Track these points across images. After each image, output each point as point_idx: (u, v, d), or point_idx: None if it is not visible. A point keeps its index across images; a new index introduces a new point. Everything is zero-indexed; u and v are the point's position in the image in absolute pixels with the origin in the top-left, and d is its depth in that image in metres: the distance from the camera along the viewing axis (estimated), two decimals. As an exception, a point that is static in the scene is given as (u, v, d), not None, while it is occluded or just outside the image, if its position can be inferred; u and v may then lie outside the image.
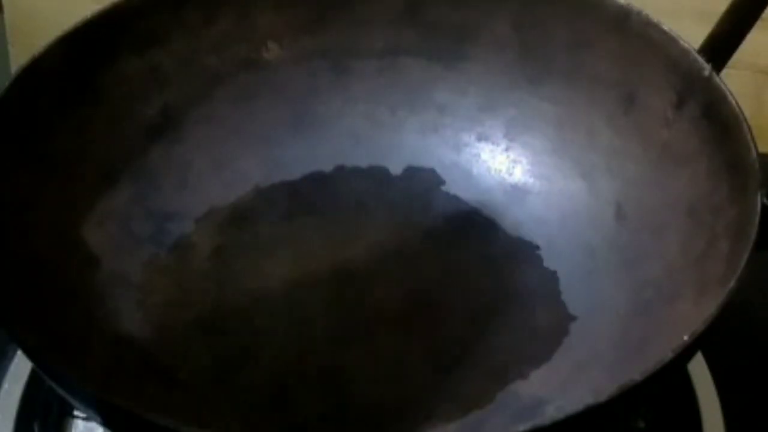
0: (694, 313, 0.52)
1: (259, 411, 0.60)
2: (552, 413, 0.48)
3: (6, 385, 0.66)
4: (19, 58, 0.98)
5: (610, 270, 0.65)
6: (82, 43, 0.66)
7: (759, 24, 0.61)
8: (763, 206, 0.54)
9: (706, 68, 0.62)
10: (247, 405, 0.61)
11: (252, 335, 0.64)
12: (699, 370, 0.67)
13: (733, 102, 0.59)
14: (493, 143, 0.73)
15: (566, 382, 0.60)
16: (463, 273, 0.68)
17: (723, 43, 0.62)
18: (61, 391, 0.52)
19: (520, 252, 0.69)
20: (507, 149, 0.73)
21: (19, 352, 0.64)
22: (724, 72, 0.62)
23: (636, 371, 0.48)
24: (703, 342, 0.51)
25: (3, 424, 0.64)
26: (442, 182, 0.73)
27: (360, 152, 0.74)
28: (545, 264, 0.68)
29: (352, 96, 0.74)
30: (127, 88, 0.69)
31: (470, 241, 0.69)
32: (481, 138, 0.74)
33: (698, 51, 0.62)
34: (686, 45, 0.63)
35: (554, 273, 0.67)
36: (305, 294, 0.66)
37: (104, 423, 0.54)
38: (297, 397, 0.61)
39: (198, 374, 0.62)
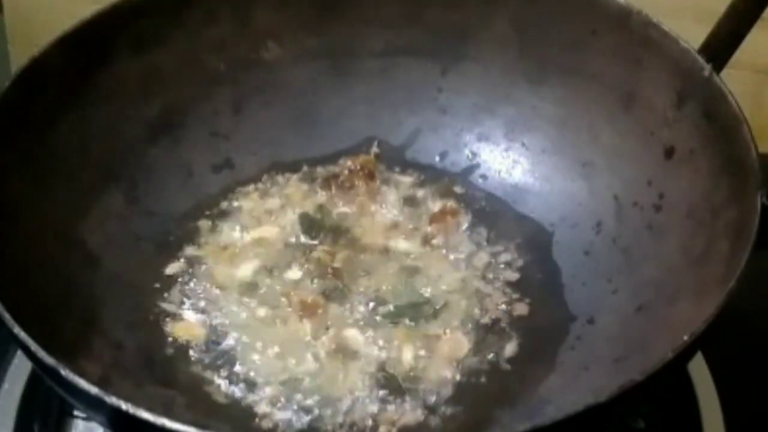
0: (694, 313, 0.52)
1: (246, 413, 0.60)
2: (552, 413, 0.48)
3: (6, 385, 0.66)
4: (18, 58, 0.98)
5: (610, 270, 0.65)
6: (82, 44, 0.66)
7: (759, 24, 0.61)
8: (763, 206, 0.54)
9: (706, 68, 0.62)
10: (240, 406, 0.61)
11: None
12: (699, 370, 0.67)
13: (733, 102, 0.59)
14: (493, 143, 0.73)
15: (567, 381, 0.60)
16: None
17: (723, 43, 0.62)
18: (60, 391, 0.52)
19: (521, 252, 0.69)
20: (507, 149, 0.73)
21: (19, 352, 0.64)
22: (724, 72, 0.62)
23: (636, 371, 0.48)
24: (703, 342, 0.51)
25: (3, 423, 0.64)
26: (442, 182, 0.73)
27: (360, 152, 0.74)
28: (546, 264, 0.68)
29: (352, 96, 0.74)
30: (126, 88, 0.69)
31: (468, 241, 0.69)
32: (481, 138, 0.74)
33: (698, 51, 0.63)
34: (686, 45, 0.63)
35: (555, 273, 0.67)
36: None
37: (103, 423, 0.54)
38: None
39: (196, 375, 0.62)
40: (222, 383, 0.61)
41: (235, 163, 0.73)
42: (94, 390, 0.48)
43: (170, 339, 0.64)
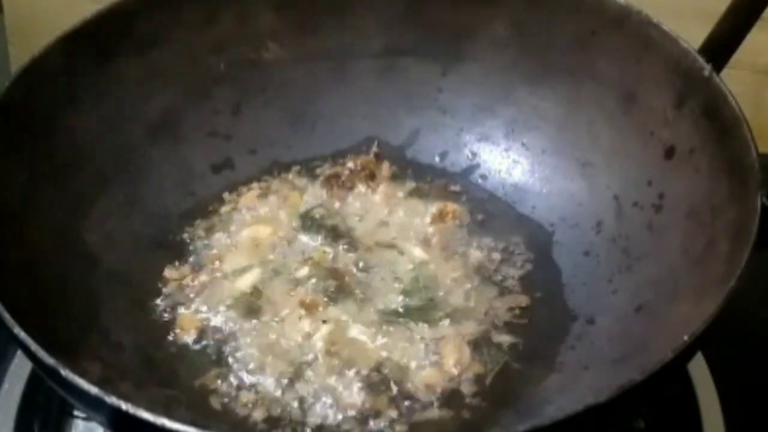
0: (694, 313, 0.53)
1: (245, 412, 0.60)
2: (552, 413, 0.48)
3: (6, 385, 0.66)
4: (19, 58, 0.98)
5: (610, 270, 0.65)
6: (82, 44, 0.66)
7: (759, 24, 0.61)
8: (763, 206, 0.54)
9: (707, 68, 0.62)
10: (239, 405, 0.61)
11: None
12: (699, 370, 0.67)
13: (734, 102, 0.59)
14: (493, 143, 0.73)
15: (567, 381, 0.60)
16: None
17: (723, 43, 0.62)
18: (60, 391, 0.52)
19: (521, 252, 0.69)
20: (507, 149, 0.73)
21: (19, 352, 0.64)
22: (724, 72, 0.62)
23: (636, 371, 0.48)
24: (703, 342, 0.51)
25: (3, 423, 0.64)
26: (441, 182, 0.73)
27: (360, 152, 0.74)
28: (546, 264, 0.68)
29: (352, 96, 0.74)
30: (126, 88, 0.69)
31: (469, 242, 0.69)
32: (481, 138, 0.74)
33: (698, 51, 0.63)
34: (686, 45, 0.63)
35: (555, 273, 0.67)
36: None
37: (103, 423, 0.54)
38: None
39: (196, 375, 0.62)
40: (221, 382, 0.61)
41: (235, 163, 0.73)
42: (94, 390, 0.48)
43: (170, 339, 0.64)
